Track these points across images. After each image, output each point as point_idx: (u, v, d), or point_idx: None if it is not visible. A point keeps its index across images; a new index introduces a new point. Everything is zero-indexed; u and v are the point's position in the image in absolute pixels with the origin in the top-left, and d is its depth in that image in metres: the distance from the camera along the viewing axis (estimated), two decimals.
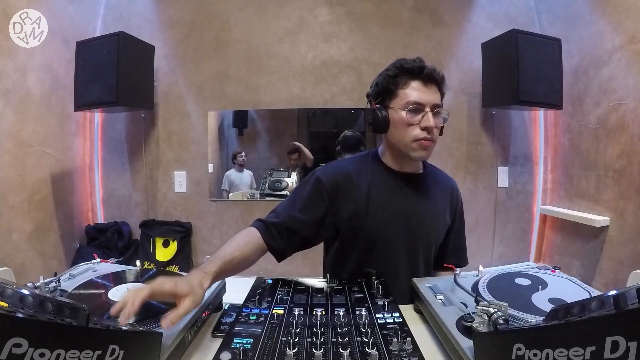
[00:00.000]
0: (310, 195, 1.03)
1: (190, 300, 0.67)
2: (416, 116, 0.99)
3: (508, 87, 1.93)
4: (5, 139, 1.71)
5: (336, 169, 1.08)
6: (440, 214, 1.11)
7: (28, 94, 1.82)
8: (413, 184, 1.08)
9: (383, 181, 1.06)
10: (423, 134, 0.99)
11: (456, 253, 1.20)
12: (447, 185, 1.16)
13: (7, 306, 0.46)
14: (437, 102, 1.00)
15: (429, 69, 1.00)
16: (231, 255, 0.87)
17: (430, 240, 1.10)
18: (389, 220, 1.04)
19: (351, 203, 1.03)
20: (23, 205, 1.80)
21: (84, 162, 2.28)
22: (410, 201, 1.06)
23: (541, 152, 2.33)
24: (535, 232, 2.35)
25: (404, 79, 1.00)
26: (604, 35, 1.83)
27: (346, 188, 1.04)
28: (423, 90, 0.99)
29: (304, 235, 1.01)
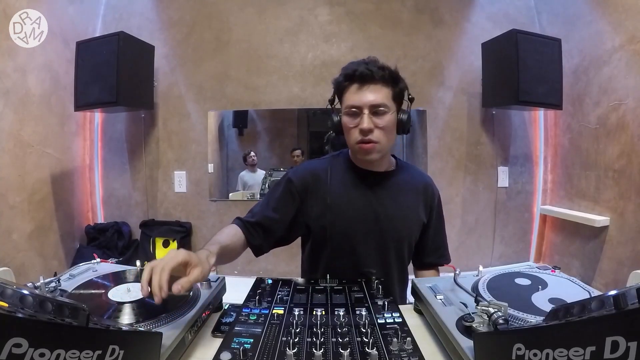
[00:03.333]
0: (282, 196, 1.07)
1: (199, 270, 0.71)
2: (355, 119, 1.00)
3: (508, 87, 1.93)
4: (5, 139, 1.71)
5: (306, 169, 1.12)
6: (412, 211, 1.11)
7: (28, 94, 1.82)
8: (382, 181, 1.09)
9: (351, 180, 1.08)
10: (361, 137, 1.00)
11: (437, 250, 1.19)
12: (420, 181, 1.15)
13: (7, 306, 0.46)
14: (374, 103, 0.98)
15: (363, 69, 0.98)
16: (226, 242, 0.92)
17: (401, 237, 1.09)
18: (357, 218, 1.05)
19: (320, 202, 1.06)
20: (23, 205, 1.80)
21: (84, 162, 2.28)
22: (379, 199, 1.07)
23: (541, 152, 2.33)
24: (535, 232, 2.35)
25: (345, 84, 1.02)
26: (604, 35, 1.83)
27: (315, 187, 1.07)
28: (359, 92, 0.99)
29: (278, 233, 1.07)
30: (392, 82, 1.01)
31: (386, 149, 1.04)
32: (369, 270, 1.03)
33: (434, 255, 1.19)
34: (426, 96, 2.29)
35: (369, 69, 0.98)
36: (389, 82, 1.00)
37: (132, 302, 0.75)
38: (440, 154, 2.30)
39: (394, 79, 1.01)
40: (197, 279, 0.71)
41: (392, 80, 1.01)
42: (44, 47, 1.81)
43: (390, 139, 1.03)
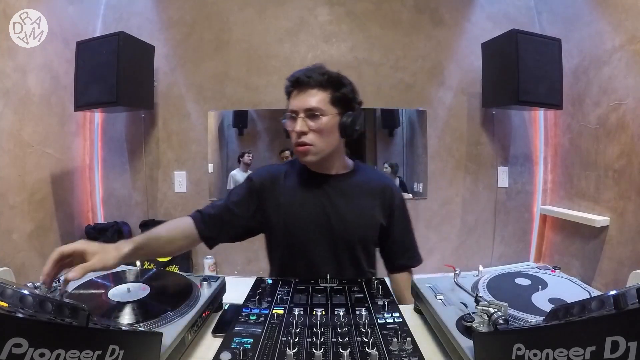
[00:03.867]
0: (243, 193, 1.12)
1: (97, 257, 0.73)
2: (294, 123, 1.03)
3: (508, 87, 1.93)
4: (5, 139, 1.71)
5: (266, 171, 1.17)
6: (366, 213, 1.11)
7: (28, 94, 1.82)
8: (334, 184, 1.11)
9: (304, 183, 1.12)
10: (296, 140, 1.03)
11: (406, 252, 1.19)
12: (376, 184, 1.15)
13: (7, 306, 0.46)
14: (308, 106, 1.01)
15: (301, 75, 1.03)
16: (158, 234, 0.95)
17: (353, 239, 1.10)
18: (309, 219, 1.08)
19: (275, 203, 1.10)
20: (23, 205, 1.80)
21: (84, 162, 2.28)
22: (331, 201, 1.09)
23: (541, 152, 2.33)
24: (535, 232, 2.35)
25: (290, 90, 1.07)
26: (604, 35, 1.83)
27: (272, 189, 1.11)
28: (297, 97, 1.04)
29: (236, 228, 1.10)
30: (331, 86, 1.04)
31: (324, 151, 1.05)
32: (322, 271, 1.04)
33: (403, 257, 1.19)
34: (426, 96, 2.29)
35: (307, 75, 1.03)
36: (327, 86, 1.03)
37: (132, 302, 0.75)
38: (440, 154, 2.30)
39: (334, 83, 1.04)
40: (93, 265, 0.72)
41: (331, 84, 1.04)
42: (44, 47, 1.81)
43: (329, 142, 1.04)
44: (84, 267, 0.70)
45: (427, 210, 2.32)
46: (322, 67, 1.06)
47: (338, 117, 1.05)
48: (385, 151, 2.60)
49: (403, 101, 2.30)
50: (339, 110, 1.05)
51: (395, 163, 2.51)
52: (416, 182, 2.41)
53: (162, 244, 0.95)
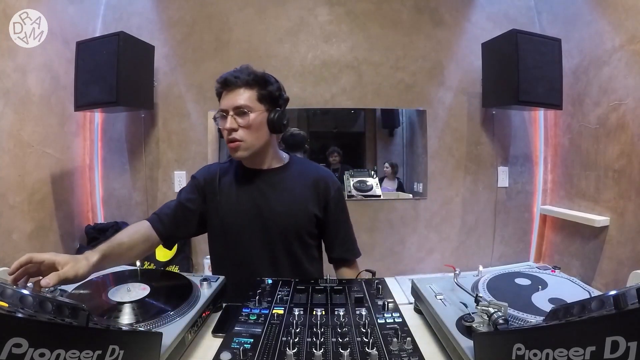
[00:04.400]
0: (191, 190, 1.18)
1: (69, 266, 0.76)
2: (224, 122, 1.08)
3: (508, 87, 1.93)
4: (5, 139, 1.71)
5: (207, 168, 1.23)
6: (299, 206, 1.14)
7: (28, 94, 1.82)
8: (267, 178, 1.16)
9: (239, 179, 1.17)
10: (227, 137, 1.08)
11: (343, 245, 1.21)
12: (311, 176, 1.18)
13: (7, 306, 0.46)
14: (236, 104, 1.06)
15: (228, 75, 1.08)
16: (120, 241, 0.97)
17: (286, 232, 1.12)
18: (241, 212, 1.12)
19: (214, 199, 1.15)
20: (23, 205, 1.80)
21: (84, 162, 2.28)
22: (263, 195, 1.13)
23: (541, 152, 2.33)
24: (535, 232, 2.35)
25: (220, 91, 1.12)
26: (604, 35, 1.83)
27: (212, 185, 1.16)
28: (225, 97, 1.10)
29: (191, 223, 1.15)
30: (257, 85, 1.09)
31: (254, 147, 1.09)
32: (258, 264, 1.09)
33: (340, 249, 1.21)
34: (426, 96, 2.29)
35: (234, 75, 1.08)
36: (254, 85, 1.08)
37: (132, 302, 0.75)
38: (440, 154, 2.30)
39: (260, 82, 1.10)
40: (66, 275, 0.74)
41: (257, 83, 1.09)
42: (44, 47, 1.81)
43: (258, 137, 1.09)
44: (58, 275, 0.72)
45: (427, 210, 2.32)
46: (249, 68, 1.11)
47: (266, 113, 1.10)
48: (385, 151, 2.60)
49: (403, 101, 2.30)
50: (267, 107, 1.10)
51: (395, 163, 2.51)
52: (416, 182, 2.41)
53: (124, 251, 0.97)
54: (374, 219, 2.30)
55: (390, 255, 2.31)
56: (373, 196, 2.33)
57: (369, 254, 2.28)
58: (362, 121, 2.54)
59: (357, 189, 2.34)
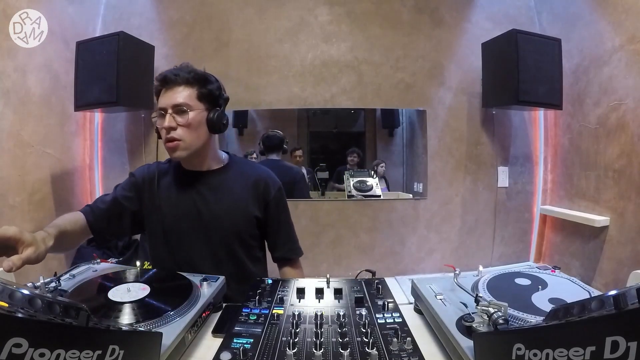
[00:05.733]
0: (128, 187, 1.15)
1: (32, 249, 0.74)
2: (162, 120, 1.05)
3: (508, 87, 1.93)
4: (5, 139, 1.71)
5: (147, 168, 1.19)
6: (239, 205, 1.13)
7: (28, 94, 1.82)
8: (206, 180, 1.14)
9: (177, 181, 1.14)
10: (166, 136, 1.05)
11: (285, 244, 1.22)
12: (251, 176, 1.17)
13: (7, 306, 0.46)
14: (175, 102, 1.03)
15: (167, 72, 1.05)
16: (64, 227, 0.97)
17: (226, 233, 1.11)
18: (181, 215, 1.11)
19: (151, 199, 1.13)
20: (23, 205, 1.79)
21: (84, 162, 2.28)
22: (202, 197, 1.12)
23: (541, 152, 2.33)
24: (535, 232, 2.35)
25: (159, 89, 1.08)
26: (604, 35, 1.83)
27: (149, 185, 1.14)
28: (164, 95, 1.06)
29: (124, 221, 1.13)
30: (197, 83, 1.06)
31: (193, 146, 1.07)
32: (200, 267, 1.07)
33: (282, 249, 1.22)
34: (426, 96, 2.29)
35: (174, 73, 1.05)
36: (194, 83, 1.06)
37: (132, 302, 0.75)
38: (440, 154, 2.30)
39: (200, 80, 1.07)
40: (29, 257, 0.72)
41: (197, 81, 1.06)
42: (44, 47, 1.81)
43: (198, 136, 1.07)
44: (21, 259, 0.70)
45: (427, 210, 2.32)
46: (189, 66, 1.09)
47: (205, 112, 1.07)
48: (385, 151, 2.61)
49: (403, 101, 2.30)
50: (206, 106, 1.08)
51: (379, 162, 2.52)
52: (416, 182, 2.41)
53: (68, 238, 0.97)
54: (374, 219, 2.30)
55: (390, 255, 2.31)
56: (373, 196, 2.33)
57: (369, 254, 2.29)
58: (362, 121, 2.55)
59: (357, 189, 2.34)
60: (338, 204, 2.35)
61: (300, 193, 2.27)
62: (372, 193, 2.34)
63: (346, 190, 2.36)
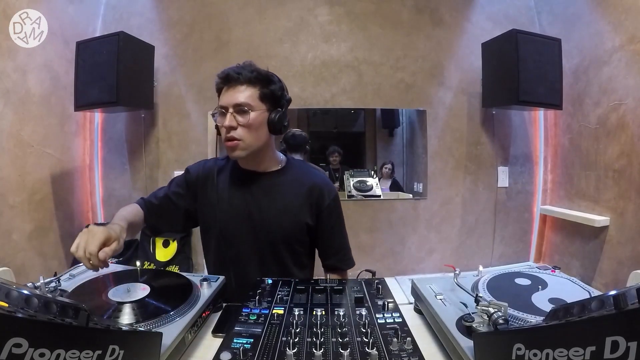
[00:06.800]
0: (180, 183, 1.17)
1: (117, 243, 0.81)
2: (222, 119, 1.04)
3: (508, 87, 1.93)
4: (5, 139, 1.71)
5: (203, 165, 1.19)
6: (291, 211, 1.11)
7: (28, 94, 1.82)
8: (261, 181, 1.13)
9: (233, 180, 1.14)
10: (226, 135, 1.05)
11: (337, 254, 1.19)
12: (306, 183, 1.14)
13: (7, 306, 0.46)
14: (237, 102, 1.02)
15: (231, 72, 1.04)
16: (131, 219, 1.00)
17: (275, 238, 1.10)
18: (234, 215, 1.11)
19: (207, 197, 1.13)
20: (23, 205, 1.79)
21: (84, 162, 2.28)
22: (255, 199, 1.11)
23: (541, 152, 2.33)
24: (535, 232, 2.35)
25: (220, 87, 1.07)
26: (604, 35, 1.83)
27: (205, 182, 1.14)
28: (226, 93, 1.05)
29: (176, 217, 1.15)
30: (260, 83, 1.05)
31: (253, 147, 1.05)
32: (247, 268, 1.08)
33: (333, 258, 1.19)
34: (426, 96, 2.29)
35: (237, 72, 1.04)
36: (256, 83, 1.05)
37: (132, 302, 0.75)
38: (440, 154, 2.30)
39: (263, 80, 1.06)
40: (116, 250, 0.80)
41: (260, 81, 1.05)
42: (44, 47, 1.81)
43: (258, 137, 1.06)
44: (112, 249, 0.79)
45: (427, 210, 2.32)
46: (252, 65, 1.07)
47: (267, 113, 1.06)
48: (385, 151, 2.61)
49: (403, 101, 2.30)
50: (268, 106, 1.06)
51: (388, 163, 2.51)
52: (416, 182, 2.41)
53: (133, 228, 1.01)
54: (374, 219, 2.30)
55: (390, 255, 2.32)
56: (373, 196, 2.33)
57: (369, 254, 2.29)
58: (362, 121, 2.54)
59: (357, 189, 2.34)
60: None
61: None
62: (372, 193, 2.34)
63: (346, 190, 2.36)
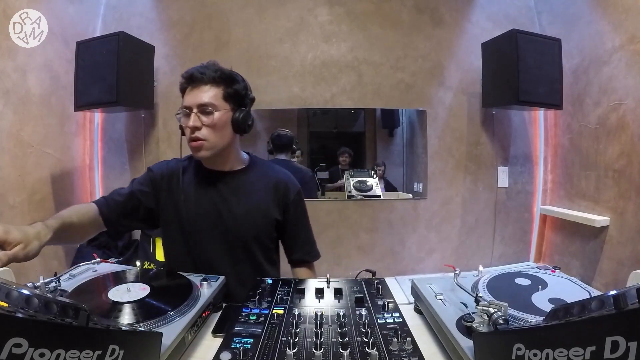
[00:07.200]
0: (143, 182, 1.15)
1: (21, 247, 0.72)
2: (187, 119, 1.04)
3: (508, 87, 1.93)
4: (5, 139, 1.71)
5: (166, 164, 1.18)
6: (259, 208, 1.13)
7: (28, 94, 1.82)
8: (227, 180, 1.13)
9: (199, 180, 1.14)
10: (190, 135, 1.04)
11: (303, 247, 1.22)
12: (272, 179, 1.17)
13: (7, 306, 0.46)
14: (201, 102, 1.02)
15: (193, 70, 1.04)
16: (70, 218, 0.93)
17: (246, 235, 1.11)
18: (201, 215, 1.10)
19: (171, 196, 1.12)
20: (23, 205, 1.79)
21: (84, 162, 2.28)
22: (223, 198, 1.11)
23: (541, 152, 2.33)
24: (535, 232, 2.35)
25: (184, 87, 1.07)
26: (604, 35, 1.83)
27: (170, 182, 1.14)
28: (190, 94, 1.05)
29: (139, 215, 1.12)
30: (224, 82, 1.05)
31: (217, 147, 1.06)
32: (217, 267, 1.07)
33: (300, 251, 1.21)
34: (426, 96, 2.29)
35: (200, 71, 1.04)
36: (220, 82, 1.05)
37: (132, 302, 0.75)
38: (440, 154, 2.30)
39: (227, 80, 1.06)
40: (15, 256, 0.71)
41: (223, 81, 1.05)
42: (44, 47, 1.81)
43: (222, 137, 1.06)
44: (7, 256, 0.69)
45: (427, 210, 2.32)
46: (216, 64, 1.07)
47: (231, 112, 1.06)
48: (385, 151, 2.61)
49: (403, 101, 2.30)
50: (232, 106, 1.07)
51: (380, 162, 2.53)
52: (416, 182, 2.41)
53: (73, 233, 0.94)
54: (374, 219, 2.30)
55: (390, 255, 2.32)
56: (373, 196, 2.33)
57: (369, 254, 2.29)
58: (362, 121, 2.54)
59: (357, 189, 2.34)
60: (338, 204, 2.35)
61: (308, 194, 2.27)
62: (372, 193, 2.34)
63: (346, 190, 2.36)
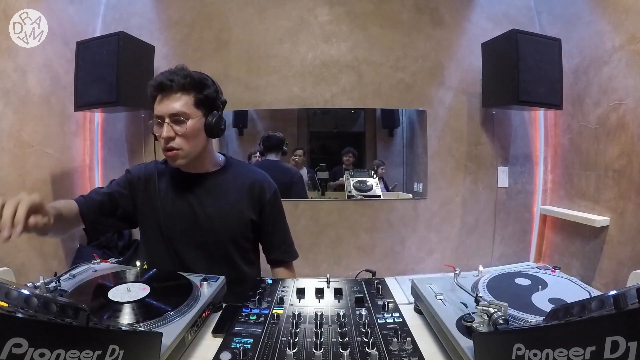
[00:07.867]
0: (121, 183, 1.15)
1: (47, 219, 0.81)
2: (160, 128, 1.03)
3: (508, 87, 1.93)
4: (5, 139, 1.71)
5: (144, 167, 1.19)
6: (234, 209, 1.13)
7: (28, 94, 1.82)
8: (202, 182, 1.14)
9: (175, 182, 1.14)
10: (164, 145, 1.04)
11: (280, 246, 1.22)
12: (247, 180, 1.17)
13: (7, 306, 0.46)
14: (172, 112, 1.01)
15: (163, 79, 1.02)
16: (60, 210, 0.95)
17: (221, 236, 1.12)
18: (177, 217, 1.11)
19: (148, 199, 1.13)
20: None
21: (84, 162, 2.28)
22: (198, 200, 1.12)
23: (541, 152, 2.33)
24: (535, 232, 2.35)
25: (154, 95, 1.05)
26: (604, 35, 1.83)
27: (147, 184, 1.14)
28: (161, 103, 1.03)
29: (116, 215, 1.13)
30: (194, 89, 1.04)
31: (192, 154, 1.06)
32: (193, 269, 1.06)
33: (277, 251, 1.22)
34: (426, 96, 2.29)
35: (169, 79, 1.01)
36: (190, 89, 1.03)
37: (132, 302, 0.75)
38: (440, 154, 2.30)
39: (197, 86, 1.04)
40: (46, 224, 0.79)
41: (193, 87, 1.04)
42: (44, 47, 1.81)
43: (196, 144, 1.06)
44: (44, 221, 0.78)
45: (427, 210, 2.32)
46: (185, 69, 1.05)
47: (203, 118, 1.06)
48: (385, 151, 2.61)
49: (403, 101, 2.30)
50: (204, 111, 1.06)
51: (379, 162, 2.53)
52: (416, 182, 2.41)
53: (62, 223, 0.95)
54: (374, 219, 2.30)
55: (390, 255, 2.32)
56: (373, 196, 2.33)
57: (369, 254, 2.29)
58: (362, 121, 2.54)
59: (357, 189, 2.34)
60: (338, 204, 2.35)
61: (298, 194, 2.27)
62: (372, 193, 2.34)
63: (346, 190, 2.36)
